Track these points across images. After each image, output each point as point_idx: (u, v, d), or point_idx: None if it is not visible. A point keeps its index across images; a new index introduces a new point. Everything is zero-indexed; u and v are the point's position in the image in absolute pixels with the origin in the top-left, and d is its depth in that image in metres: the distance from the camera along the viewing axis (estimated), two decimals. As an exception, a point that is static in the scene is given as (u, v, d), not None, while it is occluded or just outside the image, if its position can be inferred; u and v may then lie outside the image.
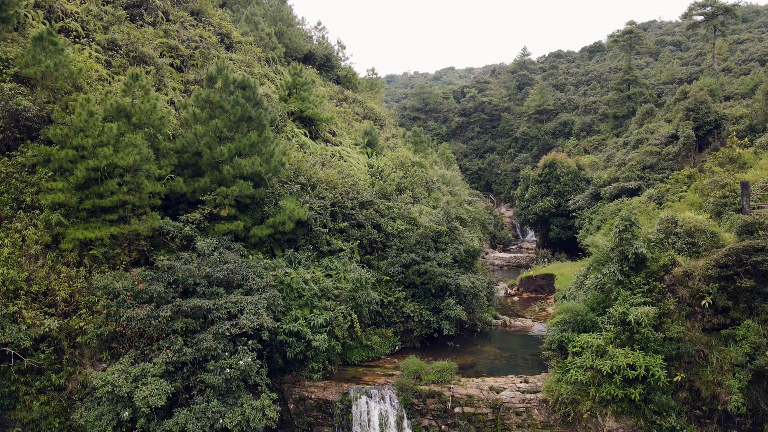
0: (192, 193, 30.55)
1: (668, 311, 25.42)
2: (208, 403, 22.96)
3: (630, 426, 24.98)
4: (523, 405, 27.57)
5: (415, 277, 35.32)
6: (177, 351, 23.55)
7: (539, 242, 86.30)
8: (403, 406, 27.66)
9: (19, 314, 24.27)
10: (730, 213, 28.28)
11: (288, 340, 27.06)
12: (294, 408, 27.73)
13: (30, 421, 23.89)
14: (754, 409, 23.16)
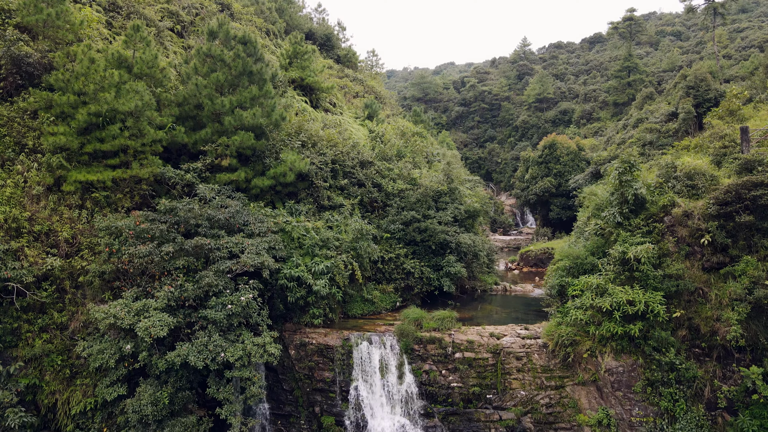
0: (193, 145, 30.65)
1: (668, 252, 25.50)
2: (210, 338, 23.07)
3: (629, 364, 25.08)
4: (523, 350, 27.69)
5: (415, 234, 35.41)
6: (179, 287, 23.67)
7: (539, 222, 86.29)
8: (403, 351, 27.77)
9: (21, 252, 24.35)
10: (729, 161, 28.35)
11: (289, 285, 27.15)
12: (295, 354, 27.83)
13: (32, 357, 23.98)
14: (753, 344, 23.22)
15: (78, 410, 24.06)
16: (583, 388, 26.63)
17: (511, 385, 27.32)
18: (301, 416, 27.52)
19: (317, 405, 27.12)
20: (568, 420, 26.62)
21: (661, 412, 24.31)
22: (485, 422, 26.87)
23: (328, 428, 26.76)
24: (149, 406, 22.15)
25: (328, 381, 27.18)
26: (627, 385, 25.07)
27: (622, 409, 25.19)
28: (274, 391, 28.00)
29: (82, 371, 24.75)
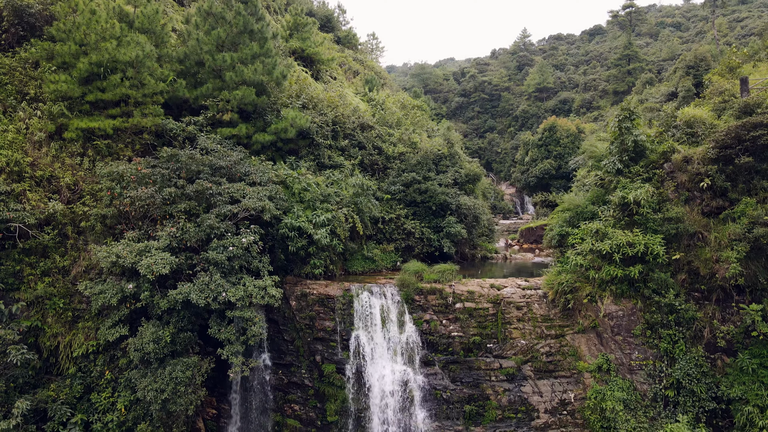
0: (194, 100, 30.73)
1: (667, 198, 25.60)
2: (211, 278, 23.15)
3: (629, 308, 25.19)
4: (523, 300, 27.78)
5: (416, 195, 35.50)
6: (180, 228, 23.75)
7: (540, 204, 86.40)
8: (404, 301, 27.85)
9: (23, 196, 24.44)
10: (729, 113, 28.40)
11: (290, 235, 27.23)
12: (296, 304, 27.90)
13: (34, 300, 24.05)
14: (752, 285, 23.31)
15: (80, 353, 24.15)
16: (582, 336, 26.73)
17: (511, 335, 27.41)
18: (302, 366, 27.61)
19: (318, 354, 27.21)
20: (568, 368, 26.73)
21: (660, 354, 24.42)
22: (486, 370, 26.96)
23: (328, 376, 26.84)
24: (151, 344, 22.24)
25: (329, 330, 27.27)
26: (626, 329, 25.19)
27: (622, 354, 25.30)
28: (275, 342, 28.09)
29: (84, 315, 24.84)
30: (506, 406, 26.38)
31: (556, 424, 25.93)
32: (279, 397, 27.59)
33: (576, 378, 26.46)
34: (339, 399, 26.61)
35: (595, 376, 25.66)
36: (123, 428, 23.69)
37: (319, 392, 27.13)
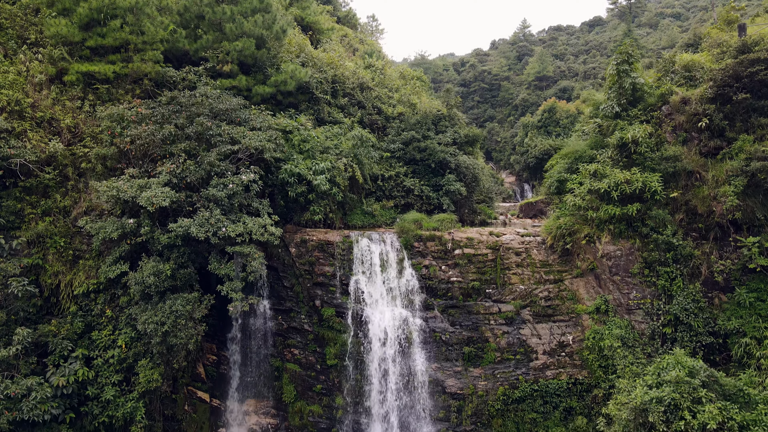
0: (195, 52, 30.76)
1: (665, 140, 25.70)
2: (211, 213, 23.24)
3: (627, 248, 25.31)
4: (522, 246, 27.93)
5: (415, 153, 35.56)
6: (181, 164, 23.84)
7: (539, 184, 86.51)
8: (403, 247, 27.98)
9: (24, 135, 24.53)
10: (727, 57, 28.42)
11: (290, 180, 27.28)
12: (295, 251, 27.99)
13: (35, 237, 24.13)
14: (749, 221, 23.40)
15: (81, 291, 24.23)
16: (581, 280, 26.86)
17: (510, 280, 27.56)
18: (302, 311, 27.71)
19: (317, 299, 27.31)
20: (567, 312, 26.88)
21: (658, 293, 24.54)
22: (485, 314, 27.09)
23: (328, 320, 26.95)
24: (151, 277, 22.33)
25: (329, 275, 27.37)
26: (624, 269, 25.30)
27: (620, 294, 25.43)
28: (274, 289, 28.18)
29: (84, 254, 24.94)
30: (505, 348, 26.51)
31: (554, 364, 26.06)
32: (279, 342, 27.70)
33: (574, 321, 26.60)
34: (338, 343, 26.73)
35: (593, 317, 25.80)
36: (124, 365, 23.80)
37: (319, 336, 27.24)
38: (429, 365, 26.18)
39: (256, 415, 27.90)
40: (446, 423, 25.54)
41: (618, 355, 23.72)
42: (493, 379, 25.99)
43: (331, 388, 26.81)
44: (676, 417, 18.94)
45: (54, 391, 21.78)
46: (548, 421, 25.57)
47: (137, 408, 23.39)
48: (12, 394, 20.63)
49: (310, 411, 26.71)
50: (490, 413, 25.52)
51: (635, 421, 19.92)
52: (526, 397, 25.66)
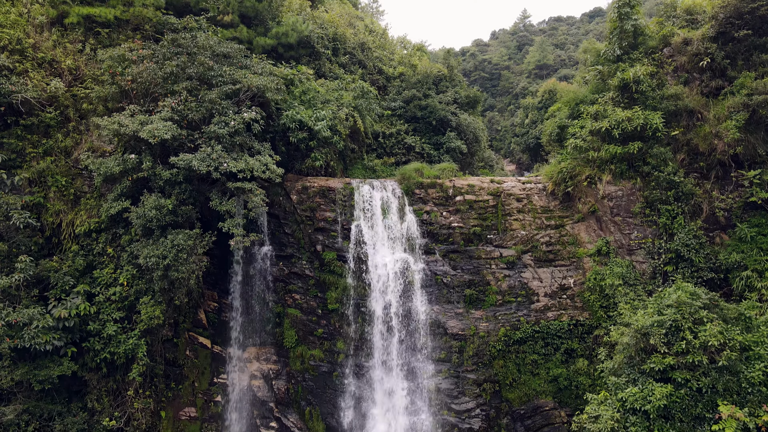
0: (196, 3, 30.73)
1: (666, 82, 25.69)
2: (213, 149, 23.23)
3: (628, 188, 25.32)
4: (523, 192, 27.94)
5: (416, 111, 35.59)
6: (182, 101, 23.82)
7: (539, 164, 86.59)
8: (404, 194, 27.98)
9: (25, 74, 24.51)
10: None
11: (291, 126, 27.27)
12: (297, 198, 27.98)
13: (37, 175, 24.15)
14: (751, 157, 23.42)
15: (82, 230, 24.23)
16: (582, 224, 26.87)
17: (511, 226, 27.57)
18: (303, 257, 27.70)
19: (319, 243, 27.30)
20: (568, 257, 26.90)
21: (659, 232, 24.56)
22: (486, 259, 27.10)
23: (329, 264, 26.95)
24: (153, 211, 22.32)
25: (330, 221, 27.36)
26: (626, 209, 25.32)
27: (621, 235, 25.44)
28: (275, 236, 28.18)
29: (86, 194, 24.97)
30: (506, 291, 26.53)
31: (555, 306, 26.09)
32: (280, 287, 27.69)
33: (576, 264, 26.62)
34: (339, 287, 26.74)
35: (594, 259, 25.81)
36: (125, 303, 23.81)
37: (320, 281, 27.25)
38: (430, 307, 26.19)
39: (258, 361, 27.92)
40: (447, 363, 25.57)
41: (619, 293, 23.73)
42: (495, 320, 26.02)
43: (332, 333, 26.83)
44: (677, 338, 18.95)
45: (56, 323, 21.77)
46: (549, 363, 25.61)
47: (139, 346, 23.39)
48: (14, 321, 20.63)
49: (311, 355, 26.73)
50: (492, 354, 25.54)
51: (636, 345, 19.93)
52: (527, 339, 25.68)
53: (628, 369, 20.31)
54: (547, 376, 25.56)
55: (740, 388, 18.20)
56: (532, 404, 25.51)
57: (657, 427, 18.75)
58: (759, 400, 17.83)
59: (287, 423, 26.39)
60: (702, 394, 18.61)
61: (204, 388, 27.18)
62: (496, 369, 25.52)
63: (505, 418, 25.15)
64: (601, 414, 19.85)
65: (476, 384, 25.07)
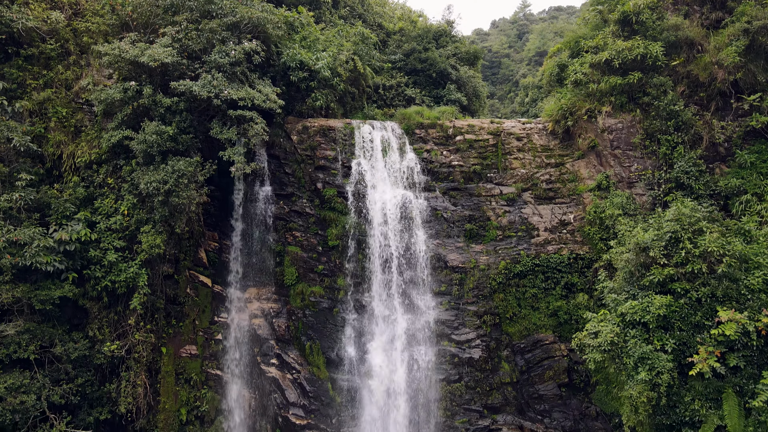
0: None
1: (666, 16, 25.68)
2: (213, 77, 23.27)
3: (628, 120, 25.36)
4: (524, 132, 28.00)
5: (416, 63, 35.61)
6: (183, 30, 23.85)
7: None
8: (405, 133, 28.04)
9: (26, 5, 24.54)
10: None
11: (291, 65, 27.29)
12: (297, 138, 28.01)
13: (38, 106, 24.19)
14: (751, 86, 23.43)
15: (83, 161, 24.30)
16: (582, 161, 26.91)
17: (511, 165, 27.63)
18: (303, 196, 27.71)
19: (319, 181, 27.32)
20: (568, 194, 26.95)
21: (659, 163, 24.60)
22: (486, 196, 27.16)
23: (329, 200, 26.97)
24: (154, 136, 22.37)
25: (330, 159, 27.40)
26: (626, 142, 25.36)
27: (621, 168, 25.49)
28: (276, 176, 28.19)
29: (87, 127, 25.01)
30: (506, 227, 26.58)
31: (555, 240, 26.14)
32: (280, 226, 27.71)
33: (576, 201, 26.67)
34: (340, 224, 26.78)
35: (594, 194, 25.84)
36: (126, 232, 23.88)
37: (320, 218, 27.30)
38: (431, 241, 26.24)
39: (258, 301, 27.97)
40: (448, 296, 25.62)
41: (619, 223, 23.73)
42: (495, 254, 26.07)
43: (332, 269, 26.88)
44: (676, 249, 19.01)
45: (57, 246, 21.81)
46: (549, 297, 25.66)
47: (140, 275, 23.44)
48: (14, 239, 20.66)
49: (312, 292, 26.76)
50: (492, 287, 25.59)
51: (636, 260, 19.99)
52: (528, 273, 25.72)
53: (627, 286, 20.38)
54: (547, 310, 25.62)
55: (739, 295, 18.25)
56: (532, 338, 25.57)
57: (656, 338, 18.83)
58: (759, 305, 17.88)
59: (287, 359, 26.45)
60: (701, 304, 18.69)
61: (205, 326, 27.23)
62: (497, 302, 25.57)
63: (505, 350, 25.21)
64: (600, 330, 19.92)
65: (476, 316, 25.13)
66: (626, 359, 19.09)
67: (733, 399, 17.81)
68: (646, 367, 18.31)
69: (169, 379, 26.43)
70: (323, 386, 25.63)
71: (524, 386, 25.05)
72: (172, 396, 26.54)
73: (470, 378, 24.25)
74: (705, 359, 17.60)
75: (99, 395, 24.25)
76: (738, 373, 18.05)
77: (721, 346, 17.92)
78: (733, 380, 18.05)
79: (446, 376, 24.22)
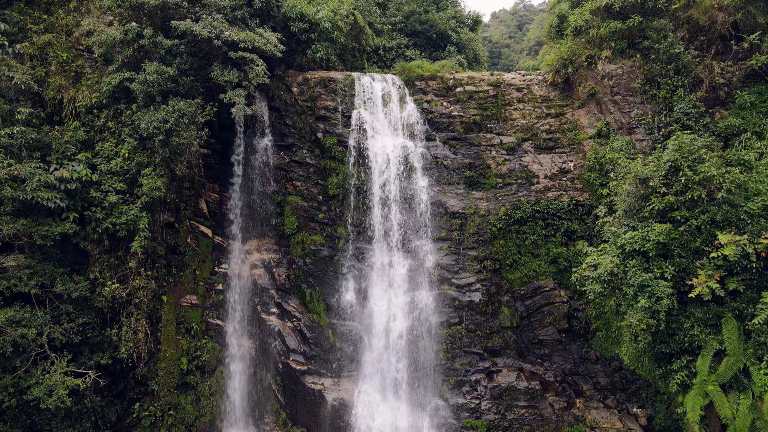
0: None
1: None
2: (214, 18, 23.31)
3: (628, 66, 25.38)
4: (524, 83, 28.05)
5: (416, 25, 35.66)
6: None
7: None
8: (405, 85, 28.07)
9: (26, -50, 24.60)
10: None
11: (291, 15, 27.30)
12: (297, 90, 28.02)
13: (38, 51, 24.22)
14: (751, 28, 23.42)
15: (84, 105, 24.34)
16: (582, 110, 26.94)
17: (511, 116, 27.67)
18: (304, 146, 27.73)
19: (319, 131, 27.34)
20: (568, 144, 27.00)
21: (659, 108, 24.62)
22: (486, 146, 27.20)
23: (330, 150, 27.00)
24: (154, 75, 22.41)
25: (330, 109, 27.43)
26: (626, 87, 25.39)
27: (621, 114, 25.52)
28: (276, 128, 28.22)
29: (87, 73, 25.05)
30: (506, 174, 26.62)
31: (556, 187, 26.18)
32: (280, 176, 27.74)
33: (576, 149, 26.72)
34: (341, 173, 26.81)
35: (594, 141, 25.87)
36: (127, 176, 23.93)
37: (321, 168, 27.33)
38: (431, 189, 26.27)
39: (258, 252, 28.02)
40: (448, 241, 25.66)
41: (619, 165, 23.74)
42: (495, 201, 26.11)
43: (333, 218, 26.91)
44: (676, 178, 19.03)
45: (58, 184, 21.85)
46: (549, 244, 25.70)
47: (140, 218, 23.49)
48: (16, 172, 20.70)
49: (312, 240, 26.79)
50: (492, 233, 25.63)
51: (635, 192, 20.03)
52: (528, 219, 25.75)
53: (627, 220, 20.41)
54: (547, 257, 25.66)
55: (739, 220, 18.28)
56: (532, 285, 25.61)
57: (656, 266, 18.86)
58: (758, 229, 17.90)
59: (288, 308, 26.49)
60: (701, 231, 18.72)
61: (205, 276, 27.28)
62: (497, 248, 25.61)
63: (505, 295, 25.26)
64: (600, 262, 19.96)
65: (477, 261, 25.17)
66: (626, 288, 19.13)
67: (732, 323, 17.85)
68: (645, 294, 18.33)
69: (170, 327, 26.48)
70: (323, 333, 25.68)
71: (524, 331, 25.11)
72: (172, 345, 26.59)
73: (470, 321, 24.30)
74: (704, 282, 17.63)
75: (100, 340, 24.30)
76: (737, 297, 18.09)
77: (721, 270, 17.95)
78: (732, 305, 18.09)
79: (446, 319, 24.27)
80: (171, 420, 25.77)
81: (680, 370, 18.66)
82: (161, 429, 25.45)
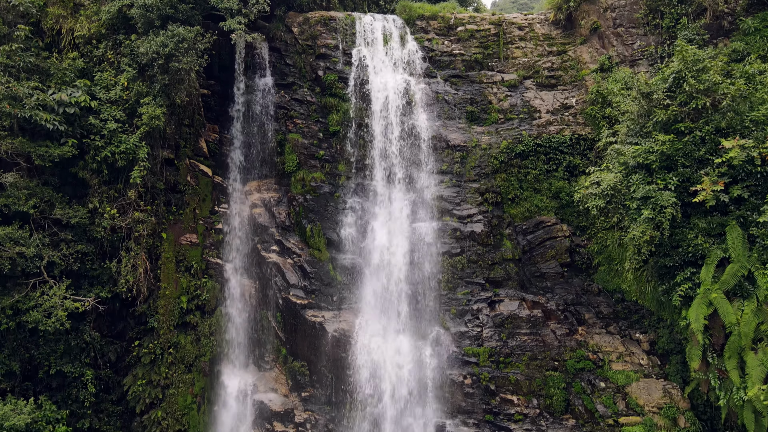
0: None
1: None
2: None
3: (632, -3, 25.17)
4: (526, 21, 27.89)
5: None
6: None
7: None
8: (406, 23, 27.89)
9: None
10: None
11: (292, -45, 27.17)
12: (298, 30, 27.85)
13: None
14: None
15: (83, 35, 24.17)
16: (584, 46, 26.77)
17: (512, 54, 27.50)
18: (305, 85, 27.57)
19: (320, 69, 27.17)
20: (570, 81, 26.84)
21: (662, 39, 24.46)
22: (488, 83, 27.03)
23: (330, 86, 26.84)
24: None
25: (331, 47, 27.27)
26: (628, 18, 25.22)
27: (623, 47, 25.35)
28: (276, 67, 28.04)
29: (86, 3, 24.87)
30: (508, 110, 26.46)
31: (557, 122, 26.02)
32: (281, 114, 27.55)
33: (578, 85, 26.57)
34: (341, 110, 26.64)
35: (597, 75, 25.68)
36: (127, 105, 23.76)
37: (321, 105, 27.16)
38: (432, 123, 26.10)
39: (258, 192, 27.87)
40: (450, 174, 25.49)
41: (621, 95, 23.56)
42: (497, 135, 25.95)
43: (333, 155, 26.76)
44: (680, 90, 18.84)
45: (56, 107, 21.69)
46: (551, 178, 25.52)
47: (140, 147, 23.32)
48: (15, 90, 20.54)
49: (313, 177, 26.60)
50: (494, 166, 25.45)
51: (639, 111, 19.84)
52: (529, 153, 25.57)
53: (630, 138, 20.24)
54: (549, 192, 25.48)
55: (743, 128, 18.11)
56: (534, 220, 25.45)
57: (659, 178, 18.67)
58: (763, 136, 17.71)
59: (288, 245, 26.34)
60: (705, 142, 18.54)
61: (205, 215, 27.12)
62: (498, 181, 25.45)
63: (507, 228, 25.11)
64: (603, 178, 19.80)
65: (478, 193, 25.01)
66: (629, 203, 18.96)
67: (736, 230, 17.68)
68: (649, 206, 18.15)
69: (170, 265, 26.29)
70: (324, 267, 25.53)
71: (526, 264, 24.96)
72: (172, 283, 26.40)
73: (472, 252, 24.15)
74: (709, 188, 17.44)
75: (99, 273, 24.16)
76: (742, 204, 17.91)
77: (725, 177, 17.78)
78: (736, 212, 17.92)
79: (448, 250, 24.11)
80: (171, 358, 25.54)
81: (683, 282, 18.50)
82: (161, 367, 25.20)
